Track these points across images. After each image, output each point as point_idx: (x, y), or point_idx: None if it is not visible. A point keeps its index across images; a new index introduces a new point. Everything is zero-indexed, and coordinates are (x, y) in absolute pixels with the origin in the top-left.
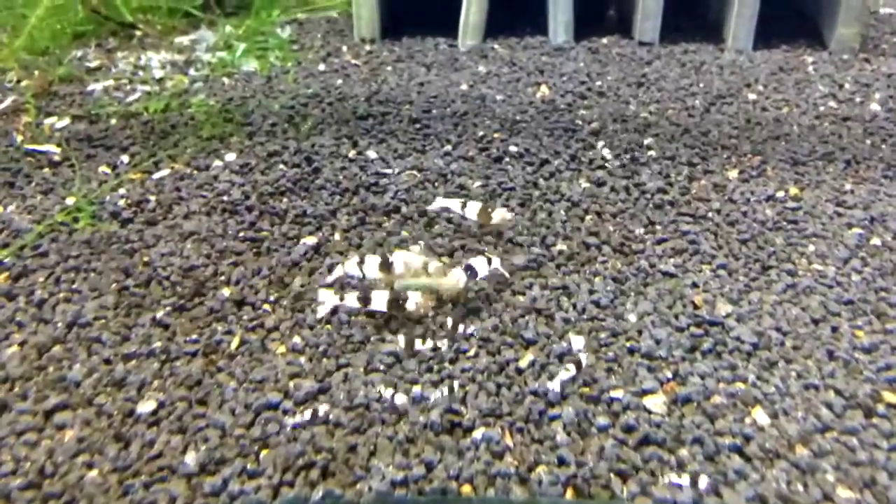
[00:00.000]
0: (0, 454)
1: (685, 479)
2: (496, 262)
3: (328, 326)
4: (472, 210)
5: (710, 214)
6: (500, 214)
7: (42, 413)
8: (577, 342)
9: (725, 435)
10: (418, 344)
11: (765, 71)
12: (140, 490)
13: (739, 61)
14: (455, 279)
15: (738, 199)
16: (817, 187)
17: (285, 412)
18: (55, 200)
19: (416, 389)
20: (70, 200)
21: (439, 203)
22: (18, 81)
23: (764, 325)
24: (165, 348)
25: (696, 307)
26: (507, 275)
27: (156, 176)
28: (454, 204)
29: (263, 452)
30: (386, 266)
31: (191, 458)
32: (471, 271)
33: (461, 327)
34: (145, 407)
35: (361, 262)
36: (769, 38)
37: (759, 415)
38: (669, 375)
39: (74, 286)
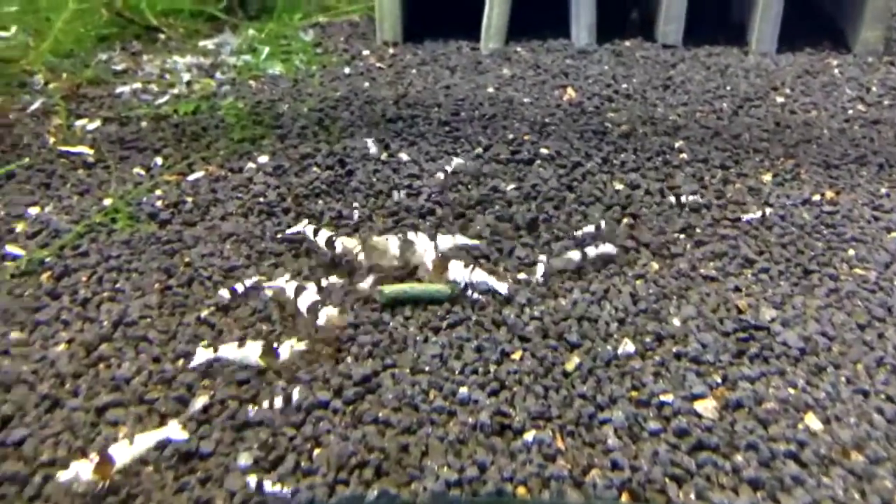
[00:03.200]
0: (56, 450)
1: None
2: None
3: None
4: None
5: (747, 218)
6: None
7: (94, 410)
8: (623, 346)
9: (779, 441)
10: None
11: (790, 74)
12: (196, 487)
13: (764, 64)
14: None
15: (774, 202)
16: (852, 191)
17: (335, 411)
18: (92, 201)
19: (463, 391)
20: (107, 201)
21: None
22: (46, 84)
23: (809, 329)
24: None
25: (740, 312)
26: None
27: (191, 178)
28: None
29: (316, 451)
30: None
31: (245, 457)
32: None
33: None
34: (196, 404)
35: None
36: (792, 40)
37: (812, 420)
38: (718, 380)
39: (118, 286)
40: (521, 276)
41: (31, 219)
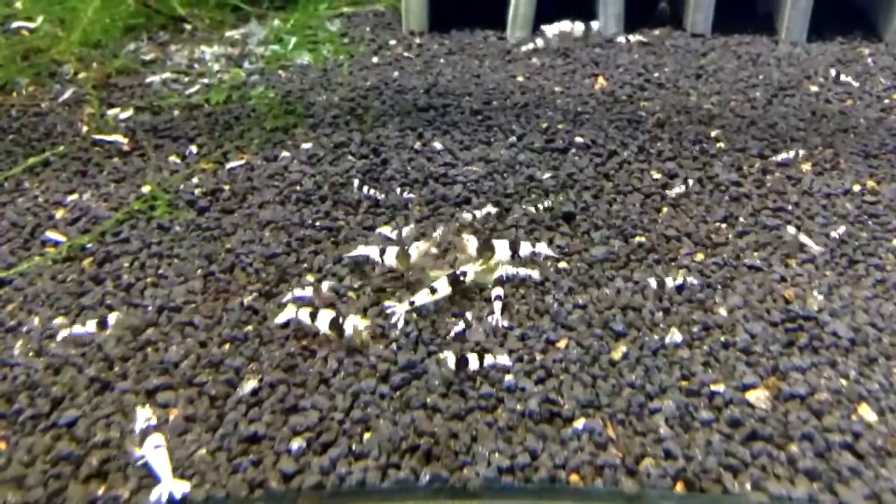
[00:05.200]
0: (109, 431)
1: None
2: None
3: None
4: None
5: (789, 208)
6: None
7: (144, 392)
8: (671, 335)
9: (834, 431)
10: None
11: (823, 63)
12: (250, 468)
13: (796, 53)
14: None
15: (815, 192)
16: (893, 181)
17: (382, 396)
18: (129, 189)
19: (509, 378)
20: (145, 189)
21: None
22: (76, 74)
23: (859, 320)
24: (258, 332)
25: (787, 301)
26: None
27: (228, 166)
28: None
29: (366, 435)
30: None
31: (296, 439)
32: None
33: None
34: (245, 388)
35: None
36: (822, 29)
37: (866, 412)
38: (769, 371)
39: (160, 271)
40: (562, 265)
41: (69, 206)
